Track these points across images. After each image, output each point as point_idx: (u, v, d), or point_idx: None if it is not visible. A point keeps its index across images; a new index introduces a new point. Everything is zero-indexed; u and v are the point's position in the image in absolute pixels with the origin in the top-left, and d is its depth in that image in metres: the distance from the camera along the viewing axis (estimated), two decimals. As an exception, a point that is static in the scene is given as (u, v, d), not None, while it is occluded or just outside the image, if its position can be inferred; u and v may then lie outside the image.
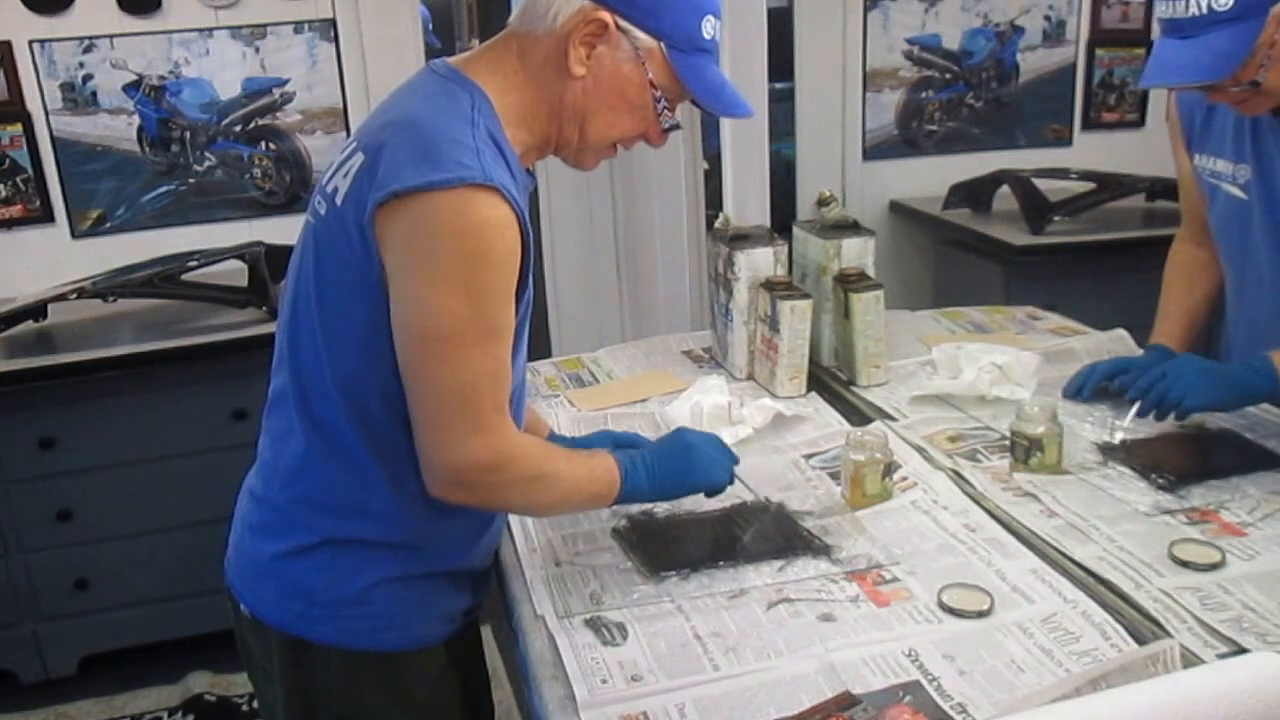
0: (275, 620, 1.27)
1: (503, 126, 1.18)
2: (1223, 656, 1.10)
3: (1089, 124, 3.67)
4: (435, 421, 1.15)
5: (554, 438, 1.57)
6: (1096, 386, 1.75)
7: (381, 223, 1.11)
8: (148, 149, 3.01)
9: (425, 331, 1.12)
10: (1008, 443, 1.58)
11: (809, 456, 1.65)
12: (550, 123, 1.23)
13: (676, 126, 1.27)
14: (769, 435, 1.72)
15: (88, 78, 2.91)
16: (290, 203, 3.13)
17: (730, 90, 1.26)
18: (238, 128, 3.06)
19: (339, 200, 1.16)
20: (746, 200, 2.29)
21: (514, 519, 1.47)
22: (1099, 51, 3.60)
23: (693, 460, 1.34)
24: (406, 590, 1.27)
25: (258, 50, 3.02)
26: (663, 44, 1.20)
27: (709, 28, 1.22)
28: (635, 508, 1.45)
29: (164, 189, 3.05)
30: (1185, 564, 1.27)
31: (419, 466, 1.18)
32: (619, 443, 1.52)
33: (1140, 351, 1.87)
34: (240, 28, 2.99)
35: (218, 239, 2.99)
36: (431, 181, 1.08)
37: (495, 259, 1.11)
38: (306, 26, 3.03)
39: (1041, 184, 3.17)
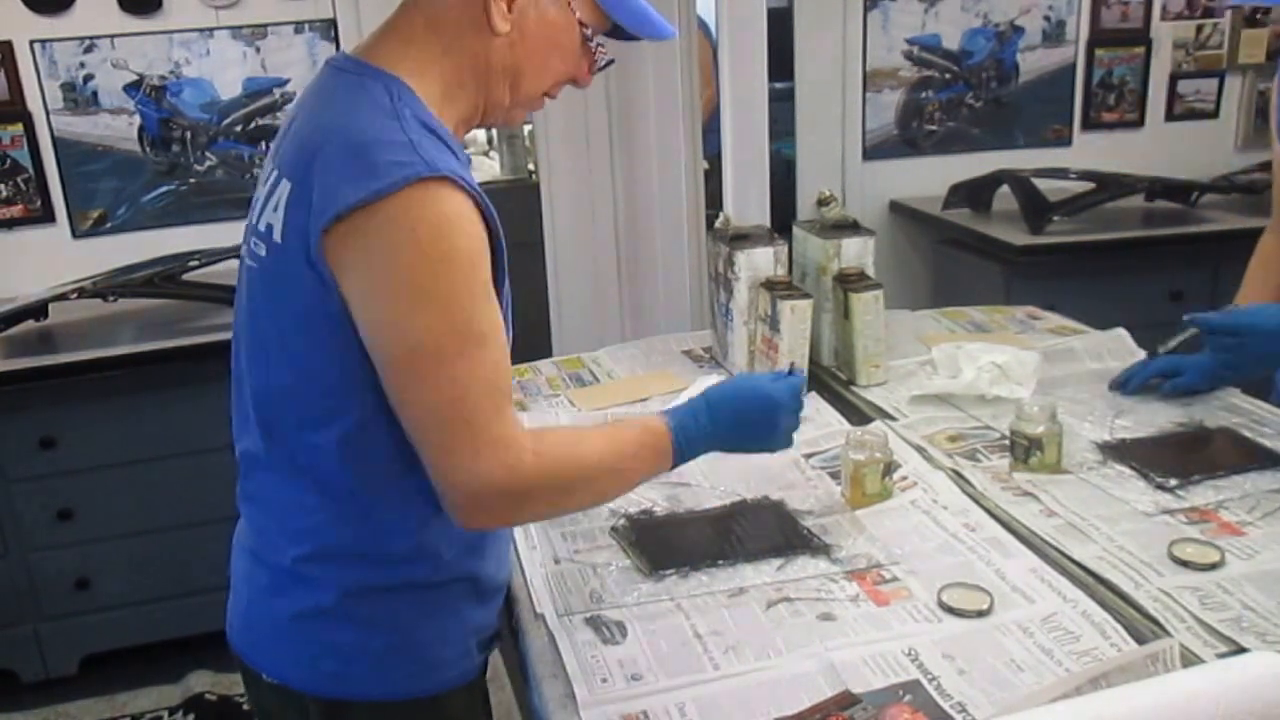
0: (309, 686, 1.17)
1: (428, 108, 1.08)
2: (1222, 656, 1.10)
3: (1089, 124, 3.67)
4: (437, 447, 1.05)
5: None
6: (1145, 382, 1.76)
7: (331, 250, 1.01)
8: (148, 149, 3.01)
9: (400, 354, 1.03)
10: (1008, 442, 1.58)
11: (809, 456, 1.65)
12: (478, 89, 1.12)
13: (610, 63, 1.19)
14: (769, 435, 1.72)
15: (88, 78, 2.91)
16: (290, 203, 3.13)
17: (653, 13, 1.18)
18: (238, 128, 3.06)
19: (278, 237, 1.07)
20: (746, 200, 2.29)
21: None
22: (1099, 51, 3.60)
23: (765, 435, 1.30)
24: (439, 624, 1.19)
25: (258, 50, 3.02)
26: None
27: None
28: (635, 507, 1.45)
29: (165, 189, 3.05)
30: (1185, 563, 1.27)
31: (424, 496, 1.10)
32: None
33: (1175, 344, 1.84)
34: (241, 28, 2.99)
35: (218, 239, 2.99)
36: (374, 191, 0.98)
37: (461, 258, 1.01)
38: (307, 26, 3.03)
39: (1041, 184, 3.17)
